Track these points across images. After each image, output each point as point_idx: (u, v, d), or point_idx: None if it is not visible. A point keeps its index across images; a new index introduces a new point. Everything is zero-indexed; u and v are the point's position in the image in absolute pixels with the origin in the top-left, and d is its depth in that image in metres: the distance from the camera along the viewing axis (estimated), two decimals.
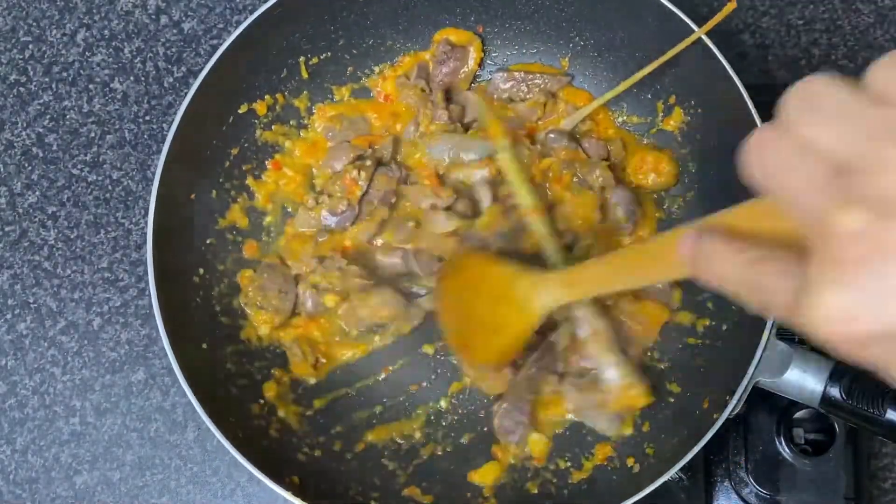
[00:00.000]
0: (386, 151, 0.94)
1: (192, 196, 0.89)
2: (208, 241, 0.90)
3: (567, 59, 0.96)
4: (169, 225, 0.84)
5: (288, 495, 0.77)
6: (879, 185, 0.33)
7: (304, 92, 0.96)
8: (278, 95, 0.94)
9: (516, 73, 0.96)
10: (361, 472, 0.87)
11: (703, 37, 0.83)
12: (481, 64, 0.98)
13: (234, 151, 0.92)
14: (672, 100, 0.91)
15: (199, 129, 0.87)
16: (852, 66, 1.04)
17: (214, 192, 0.91)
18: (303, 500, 0.77)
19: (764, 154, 0.39)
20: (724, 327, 0.87)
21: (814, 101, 0.37)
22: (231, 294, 0.91)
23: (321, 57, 0.95)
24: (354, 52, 0.96)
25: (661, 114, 0.93)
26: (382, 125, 0.96)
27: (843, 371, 0.75)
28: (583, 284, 0.74)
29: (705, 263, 0.45)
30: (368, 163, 0.92)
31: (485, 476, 0.88)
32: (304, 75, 0.95)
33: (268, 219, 0.94)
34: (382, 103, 0.97)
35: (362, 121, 0.96)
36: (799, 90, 0.38)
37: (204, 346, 0.86)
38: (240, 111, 0.92)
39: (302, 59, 0.94)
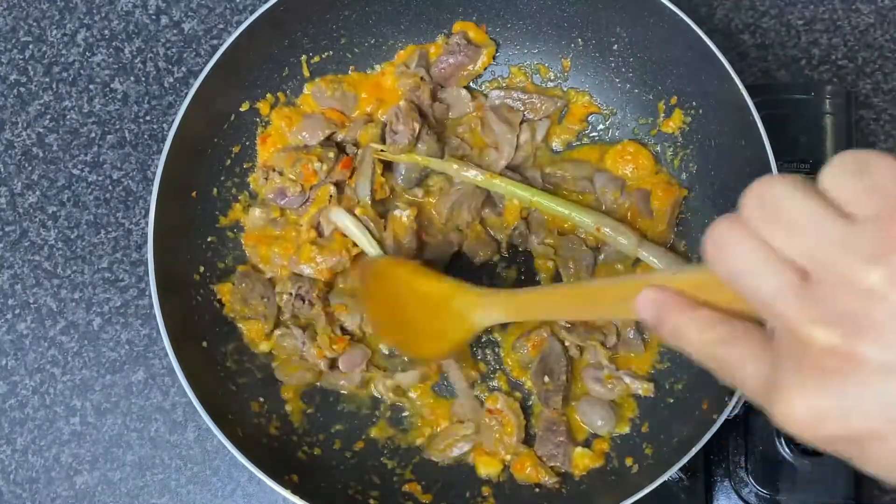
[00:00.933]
0: (350, 136, 0.93)
1: (194, 194, 0.89)
2: (209, 239, 0.90)
3: (569, 59, 0.96)
4: (170, 222, 0.84)
5: (287, 493, 0.77)
6: (845, 301, 0.36)
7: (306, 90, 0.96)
8: (280, 94, 0.94)
9: (513, 92, 0.96)
10: (361, 471, 0.87)
11: (704, 37, 0.83)
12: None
13: (236, 150, 0.92)
14: (674, 100, 0.91)
15: (201, 128, 0.88)
16: (852, 66, 1.04)
17: (216, 189, 0.91)
18: (301, 498, 0.77)
19: (727, 252, 0.40)
20: None
21: (774, 207, 0.38)
22: None
23: (323, 56, 0.95)
24: (356, 50, 0.96)
25: (662, 114, 0.93)
26: (366, 106, 0.95)
27: None
28: (529, 309, 0.72)
29: (671, 330, 0.45)
30: (332, 155, 0.91)
31: (488, 465, 0.88)
32: (306, 74, 0.95)
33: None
34: (378, 82, 0.96)
35: (353, 98, 0.95)
36: (759, 193, 0.39)
37: (204, 343, 0.86)
38: (241, 109, 0.92)
39: (304, 57, 0.94)
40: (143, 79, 1.07)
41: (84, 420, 0.99)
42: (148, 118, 1.06)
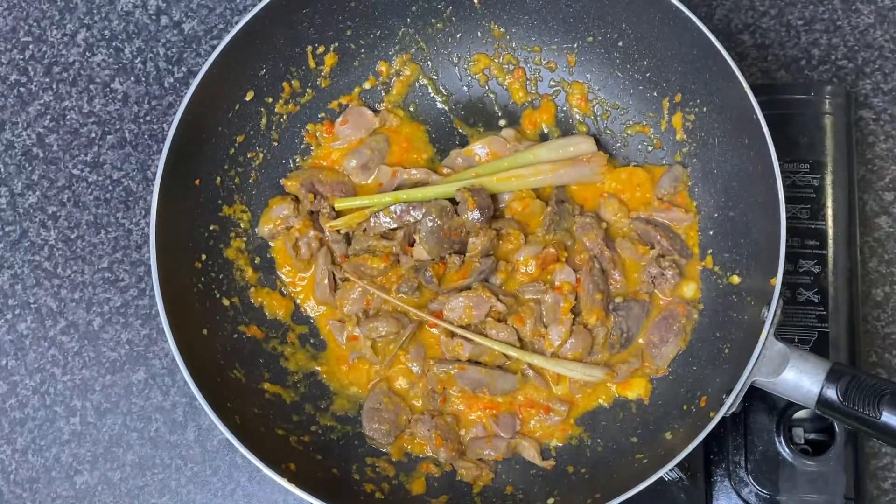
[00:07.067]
0: None
1: (197, 182, 0.89)
2: (211, 228, 0.90)
3: (574, 55, 0.96)
4: (172, 209, 0.84)
5: (283, 482, 0.77)
6: None
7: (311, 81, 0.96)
8: (284, 84, 0.94)
9: None
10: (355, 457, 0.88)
11: (710, 35, 0.83)
12: None
13: (240, 139, 0.92)
14: (678, 98, 0.91)
15: (205, 116, 0.88)
16: (852, 66, 1.04)
17: (218, 178, 0.91)
18: (298, 486, 0.77)
19: None
20: (723, 319, 0.87)
21: None
22: (232, 281, 0.91)
23: (329, 47, 0.95)
24: (362, 42, 0.96)
25: (666, 111, 0.93)
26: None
27: (840, 373, 0.75)
28: None
29: None
30: None
31: (634, 388, 0.89)
32: (312, 65, 0.95)
33: None
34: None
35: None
36: None
37: (204, 331, 0.86)
38: (246, 99, 0.92)
39: (309, 48, 0.94)
40: (143, 79, 1.07)
41: (84, 420, 0.99)
42: (148, 118, 1.06)
